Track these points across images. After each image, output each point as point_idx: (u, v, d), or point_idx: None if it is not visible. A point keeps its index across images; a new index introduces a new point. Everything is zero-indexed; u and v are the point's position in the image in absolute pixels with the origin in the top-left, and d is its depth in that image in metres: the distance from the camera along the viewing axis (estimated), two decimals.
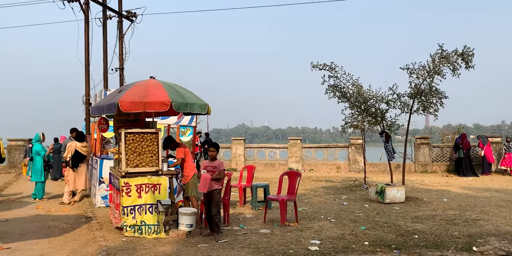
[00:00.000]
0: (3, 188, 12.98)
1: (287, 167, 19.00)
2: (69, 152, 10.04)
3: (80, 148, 10.07)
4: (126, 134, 6.41)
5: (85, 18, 17.72)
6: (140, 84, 6.62)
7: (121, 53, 19.94)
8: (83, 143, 10.20)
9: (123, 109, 6.12)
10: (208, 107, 6.82)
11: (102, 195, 9.12)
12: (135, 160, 6.47)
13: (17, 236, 6.65)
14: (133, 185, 6.42)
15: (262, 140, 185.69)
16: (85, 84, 17.97)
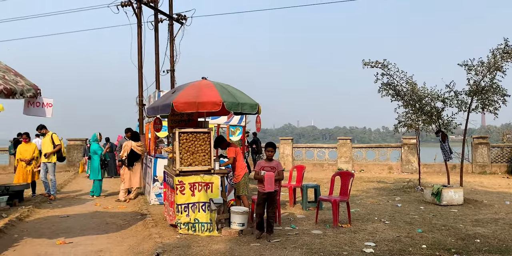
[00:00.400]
0: (63, 186, 13.68)
1: (336, 168, 18.71)
2: (125, 151, 10.41)
3: (135, 147, 10.42)
4: (180, 133, 6.55)
5: (138, 22, 18.34)
6: (193, 84, 6.73)
7: (172, 55, 20.45)
8: (138, 143, 10.55)
9: (177, 109, 6.25)
10: (258, 106, 6.82)
11: (156, 193, 9.38)
12: (189, 159, 6.58)
13: (78, 232, 6.98)
14: (186, 183, 6.54)
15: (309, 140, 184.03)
16: (139, 86, 18.61)
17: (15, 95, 4.85)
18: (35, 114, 5.30)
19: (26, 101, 5.20)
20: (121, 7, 18.18)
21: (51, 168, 10.54)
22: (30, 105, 5.25)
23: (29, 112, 5.26)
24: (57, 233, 6.89)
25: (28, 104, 5.24)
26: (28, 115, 5.25)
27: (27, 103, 5.23)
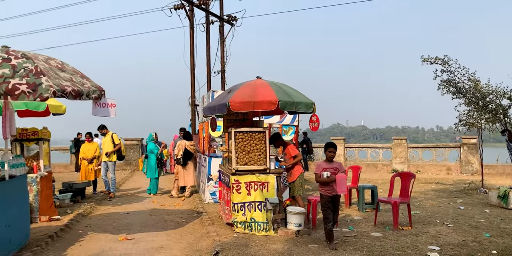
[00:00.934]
0: (121, 183, 14.21)
1: (391, 168, 18.13)
2: (180, 150, 10.68)
3: (188, 147, 10.67)
4: (235, 133, 6.58)
5: (190, 24, 18.72)
6: (248, 84, 6.74)
7: (222, 56, 20.72)
8: (191, 142, 10.79)
9: (233, 108, 6.27)
10: (314, 105, 6.72)
11: (211, 191, 9.50)
12: (244, 158, 6.60)
13: (139, 228, 7.19)
14: (242, 182, 6.56)
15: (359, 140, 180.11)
16: (191, 86, 19.00)
17: (81, 96, 5.05)
18: (102, 115, 5.50)
19: (94, 102, 5.41)
20: (174, 10, 18.63)
21: (112, 166, 10.97)
22: (97, 106, 5.46)
23: (97, 112, 5.47)
24: (118, 229, 7.14)
25: (96, 105, 5.45)
26: (96, 115, 5.46)
27: (95, 104, 5.44)
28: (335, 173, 5.71)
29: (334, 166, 5.85)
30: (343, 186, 5.54)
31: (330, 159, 5.91)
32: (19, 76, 4.62)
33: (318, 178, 5.78)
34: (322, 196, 5.85)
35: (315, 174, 5.90)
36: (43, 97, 4.59)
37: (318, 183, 5.87)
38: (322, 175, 5.70)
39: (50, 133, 8.58)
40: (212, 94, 9.60)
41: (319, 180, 5.78)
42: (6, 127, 5.27)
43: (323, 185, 5.78)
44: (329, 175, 5.67)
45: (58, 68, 5.27)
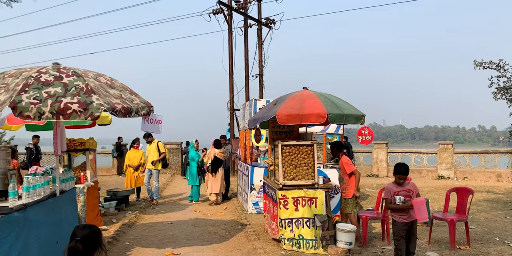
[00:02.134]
0: (162, 189, 14.33)
1: (436, 174, 17.43)
2: (209, 158, 10.86)
3: (218, 154, 10.79)
4: (282, 146, 6.40)
5: (228, 28, 18.74)
6: (295, 95, 6.54)
7: (260, 59, 20.61)
8: (221, 150, 10.92)
9: (280, 122, 6.10)
10: (363, 118, 6.44)
11: (253, 201, 9.37)
12: (292, 172, 6.41)
13: (184, 241, 7.14)
14: (290, 197, 6.37)
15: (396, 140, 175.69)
16: (229, 91, 19.01)
17: (131, 113, 5.03)
18: (150, 130, 5.48)
19: (143, 118, 5.38)
20: (213, 15, 18.67)
21: (156, 174, 11.06)
22: (146, 122, 5.43)
23: (145, 128, 5.45)
24: (164, 242, 7.11)
25: (144, 121, 5.42)
26: (144, 130, 5.44)
27: (144, 120, 5.41)
28: (409, 196, 4.99)
29: (406, 188, 5.07)
30: (423, 212, 4.77)
31: (399, 183, 5.10)
32: (71, 95, 4.62)
33: (390, 204, 5.06)
34: (395, 223, 5.08)
35: (384, 199, 5.23)
36: (94, 116, 4.58)
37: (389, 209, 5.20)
38: (394, 200, 4.99)
39: (96, 143, 8.69)
40: (254, 102, 9.46)
41: (391, 207, 5.07)
42: (58, 144, 5.31)
43: (396, 210, 5.07)
44: (403, 200, 4.95)
45: (107, 85, 5.26)
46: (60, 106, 4.47)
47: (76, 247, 2.62)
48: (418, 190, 5.16)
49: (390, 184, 5.21)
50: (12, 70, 4.98)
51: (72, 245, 2.63)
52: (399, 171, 5.01)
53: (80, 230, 2.72)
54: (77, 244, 2.62)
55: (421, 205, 4.79)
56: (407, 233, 5.06)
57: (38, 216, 4.81)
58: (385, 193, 5.17)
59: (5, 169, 4.97)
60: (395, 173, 5.08)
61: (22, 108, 4.31)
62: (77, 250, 2.61)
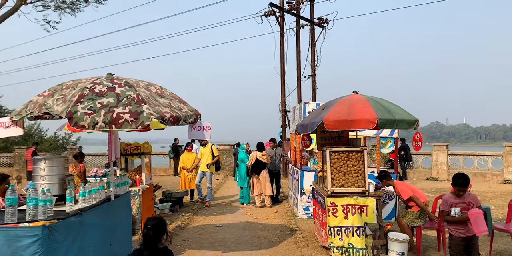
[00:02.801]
0: (215, 190, 14.59)
1: (502, 179, 16.34)
2: (251, 160, 10.98)
3: (260, 157, 10.86)
4: (331, 152, 6.27)
5: (280, 30, 18.71)
6: (344, 100, 6.39)
7: (313, 60, 20.40)
8: (263, 152, 10.96)
9: (328, 127, 5.98)
10: (416, 123, 6.15)
11: (304, 206, 9.28)
12: (341, 179, 6.27)
13: (233, 245, 7.21)
14: (339, 205, 6.24)
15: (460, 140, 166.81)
16: (281, 92, 18.97)
17: (179, 121, 5.15)
18: (197, 137, 5.59)
19: (190, 126, 5.50)
20: (265, 17, 18.71)
21: (209, 176, 11.31)
22: (193, 129, 5.55)
23: (192, 136, 5.57)
24: (214, 245, 7.22)
25: (191, 128, 5.54)
26: (191, 138, 5.55)
27: (190, 128, 5.53)
28: (467, 209, 4.62)
29: (466, 200, 4.72)
30: (480, 224, 4.42)
31: (459, 195, 4.77)
32: (123, 105, 4.81)
33: (446, 216, 4.77)
34: (452, 237, 4.79)
35: (441, 211, 4.92)
36: (144, 125, 4.74)
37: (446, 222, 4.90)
38: (450, 212, 4.70)
39: (151, 147, 9.00)
40: (303, 106, 9.37)
41: (447, 219, 4.77)
42: (112, 151, 5.56)
43: (453, 223, 4.76)
44: (459, 213, 4.63)
45: (157, 94, 5.42)
46: (113, 116, 4.67)
47: (148, 233, 3.37)
48: (479, 202, 4.81)
49: (447, 195, 4.89)
50: (69, 81, 5.29)
51: (145, 232, 3.38)
52: (458, 182, 4.66)
53: (151, 220, 3.46)
54: (148, 231, 3.37)
55: (478, 217, 4.44)
56: (467, 248, 4.71)
57: (93, 220, 5.06)
58: (442, 204, 4.86)
59: (63, 175, 5.27)
60: (454, 184, 4.74)
61: (77, 118, 4.55)
62: (149, 236, 3.36)
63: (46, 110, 4.73)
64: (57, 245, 4.23)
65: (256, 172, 11.03)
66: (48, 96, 5.05)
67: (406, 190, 6.41)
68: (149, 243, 3.37)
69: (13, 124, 5.01)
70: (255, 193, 11.12)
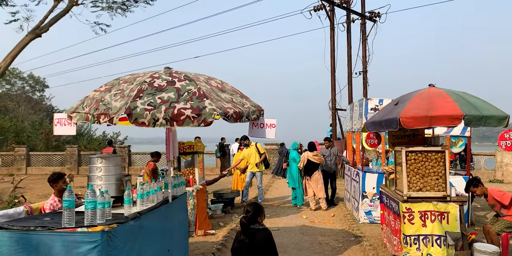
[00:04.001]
0: (265, 191, 14.14)
1: None
2: (302, 161, 10.43)
3: (311, 157, 10.28)
4: (407, 153, 5.63)
5: (330, 24, 18.02)
6: (420, 94, 5.73)
7: (364, 55, 19.55)
8: (314, 152, 10.38)
9: (405, 125, 5.35)
10: (507, 119, 5.39)
11: (365, 210, 8.63)
12: (418, 183, 5.61)
13: (294, 252, 6.71)
14: (416, 211, 5.59)
15: None
16: (331, 89, 18.27)
17: (242, 118, 4.72)
18: (259, 136, 5.13)
19: (250, 122, 5.06)
20: (314, 12, 18.08)
21: (259, 176, 10.88)
22: (254, 126, 5.09)
23: (253, 133, 5.11)
24: None
25: (252, 125, 5.09)
26: (252, 136, 5.11)
27: (251, 124, 5.08)
28: None
29: None
30: None
31: None
32: (184, 100, 4.43)
33: None
34: None
35: None
36: (207, 122, 4.33)
37: None
38: None
39: (204, 146, 8.67)
40: (366, 102, 8.70)
41: None
42: (170, 149, 5.20)
43: None
44: None
45: (218, 88, 5.01)
46: (174, 112, 4.29)
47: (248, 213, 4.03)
48: None
49: None
50: (126, 76, 4.97)
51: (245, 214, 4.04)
52: None
53: (249, 205, 4.12)
54: (249, 211, 4.03)
55: None
56: None
57: (152, 223, 4.72)
58: None
59: (120, 175, 4.97)
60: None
61: (137, 114, 4.21)
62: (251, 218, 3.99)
63: (104, 107, 4.43)
64: (116, 252, 3.88)
65: (308, 173, 10.50)
66: (105, 91, 4.76)
67: (504, 194, 5.68)
68: (244, 227, 3.97)
69: (68, 121, 4.75)
70: (309, 194, 10.59)
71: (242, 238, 3.96)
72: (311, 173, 10.45)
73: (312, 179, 10.45)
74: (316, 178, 10.43)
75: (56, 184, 5.54)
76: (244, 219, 3.99)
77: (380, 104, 8.65)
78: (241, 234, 3.99)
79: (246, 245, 3.91)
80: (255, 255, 3.89)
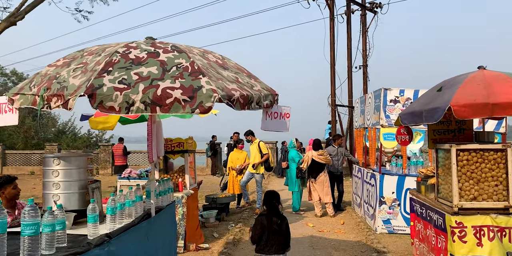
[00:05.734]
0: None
1: None
2: (305, 162, 9.19)
3: (316, 157, 9.05)
4: (458, 152, 4.41)
5: (330, 15, 16.85)
6: (472, 77, 4.52)
7: (364, 48, 18.42)
8: (319, 151, 9.13)
9: (458, 115, 4.14)
10: None
11: (384, 218, 7.43)
12: (472, 190, 4.40)
13: None
14: (469, 226, 4.37)
15: None
16: (331, 83, 17.10)
17: (251, 104, 3.46)
18: (274, 129, 3.88)
19: (264, 111, 3.80)
20: (312, 1, 16.88)
21: (259, 179, 9.62)
22: (268, 116, 3.83)
23: (267, 125, 3.86)
24: None
25: (266, 115, 3.83)
26: (267, 130, 3.85)
27: (265, 114, 3.82)
28: None
29: None
30: None
31: None
32: (171, 77, 3.15)
33: None
34: None
35: None
36: (204, 108, 3.06)
37: None
38: None
39: (196, 144, 7.40)
40: (384, 92, 7.49)
41: None
42: (153, 147, 3.90)
43: None
44: None
45: (218, 64, 3.73)
46: (157, 93, 3.02)
47: (274, 204, 4.39)
48: None
49: None
50: (94, 46, 3.66)
51: (273, 202, 4.37)
52: None
53: (272, 193, 4.48)
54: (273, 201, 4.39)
55: None
56: None
57: (128, 248, 3.43)
58: None
59: (86, 182, 3.68)
60: None
61: (103, 96, 2.92)
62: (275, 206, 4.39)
63: (58, 86, 3.12)
64: None
65: (312, 175, 9.27)
66: (62, 66, 3.45)
67: None
68: (275, 210, 4.33)
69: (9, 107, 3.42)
70: (314, 199, 9.38)
71: (275, 220, 4.27)
72: (316, 175, 9.24)
73: (317, 182, 9.23)
74: (322, 181, 9.21)
75: (2, 191, 4.25)
76: (277, 203, 4.38)
77: (401, 95, 7.46)
78: (272, 217, 4.28)
79: (278, 226, 4.25)
80: (283, 236, 4.34)
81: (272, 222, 4.22)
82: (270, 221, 4.23)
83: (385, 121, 7.45)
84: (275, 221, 4.23)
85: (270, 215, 4.25)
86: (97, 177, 19.76)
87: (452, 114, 4.92)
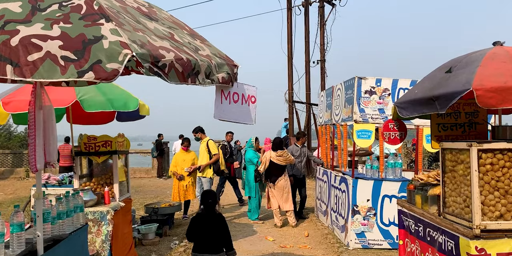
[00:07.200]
0: None
1: None
2: (263, 164, 7.96)
3: (275, 158, 7.83)
4: (480, 153, 3.26)
5: (287, 4, 15.75)
6: (494, 53, 3.41)
7: (322, 42, 17.43)
8: (278, 152, 7.84)
9: (483, 103, 3.02)
10: None
11: (357, 231, 6.28)
12: (497, 205, 3.27)
13: None
14: (493, 254, 3.24)
15: None
16: (288, 78, 15.99)
17: (197, 75, 2.10)
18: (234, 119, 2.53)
19: (219, 90, 2.44)
20: None
21: (206, 184, 8.22)
22: (225, 98, 2.47)
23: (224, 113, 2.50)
24: None
25: (222, 96, 2.47)
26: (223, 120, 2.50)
27: (221, 94, 2.46)
28: None
29: None
30: None
31: None
32: (44, 20, 1.72)
33: None
34: None
35: None
36: (103, 72, 1.65)
37: None
38: None
39: (129, 143, 5.88)
40: (358, 82, 6.34)
41: None
42: (37, 148, 2.41)
43: None
44: None
45: (142, 12, 2.31)
46: (10, 43, 1.57)
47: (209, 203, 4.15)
48: None
49: None
50: None
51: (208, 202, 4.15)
52: None
53: (208, 194, 4.25)
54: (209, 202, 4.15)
55: None
56: None
57: None
58: None
59: None
60: None
61: None
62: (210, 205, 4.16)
63: None
64: None
65: (271, 179, 8.00)
66: None
67: None
68: (210, 210, 4.14)
69: None
70: (273, 207, 8.12)
71: (210, 219, 4.09)
72: (276, 179, 7.97)
73: (276, 187, 7.97)
74: (282, 186, 7.95)
75: None
76: (212, 203, 4.14)
77: (377, 85, 6.35)
78: (208, 217, 4.12)
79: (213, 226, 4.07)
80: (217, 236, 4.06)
81: (207, 222, 4.08)
82: (205, 220, 4.10)
83: (359, 116, 6.31)
84: (210, 220, 4.10)
85: (205, 215, 4.14)
86: (27, 181, 17.47)
87: (462, 104, 3.79)
